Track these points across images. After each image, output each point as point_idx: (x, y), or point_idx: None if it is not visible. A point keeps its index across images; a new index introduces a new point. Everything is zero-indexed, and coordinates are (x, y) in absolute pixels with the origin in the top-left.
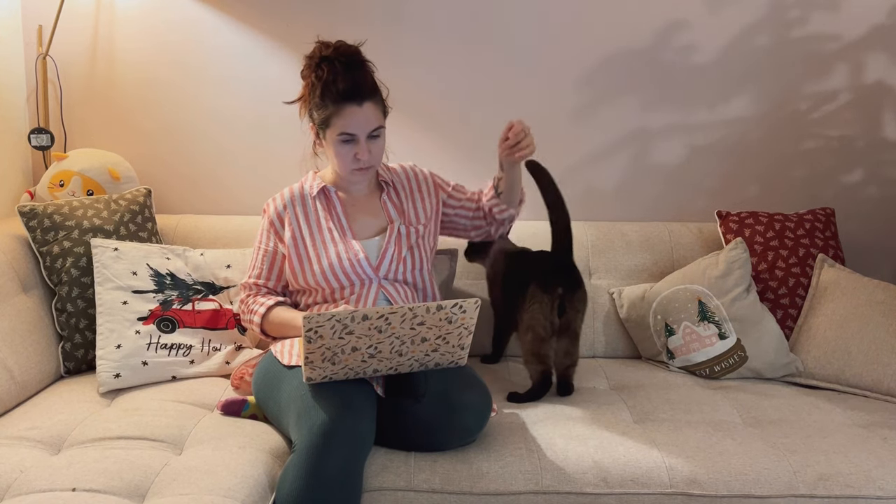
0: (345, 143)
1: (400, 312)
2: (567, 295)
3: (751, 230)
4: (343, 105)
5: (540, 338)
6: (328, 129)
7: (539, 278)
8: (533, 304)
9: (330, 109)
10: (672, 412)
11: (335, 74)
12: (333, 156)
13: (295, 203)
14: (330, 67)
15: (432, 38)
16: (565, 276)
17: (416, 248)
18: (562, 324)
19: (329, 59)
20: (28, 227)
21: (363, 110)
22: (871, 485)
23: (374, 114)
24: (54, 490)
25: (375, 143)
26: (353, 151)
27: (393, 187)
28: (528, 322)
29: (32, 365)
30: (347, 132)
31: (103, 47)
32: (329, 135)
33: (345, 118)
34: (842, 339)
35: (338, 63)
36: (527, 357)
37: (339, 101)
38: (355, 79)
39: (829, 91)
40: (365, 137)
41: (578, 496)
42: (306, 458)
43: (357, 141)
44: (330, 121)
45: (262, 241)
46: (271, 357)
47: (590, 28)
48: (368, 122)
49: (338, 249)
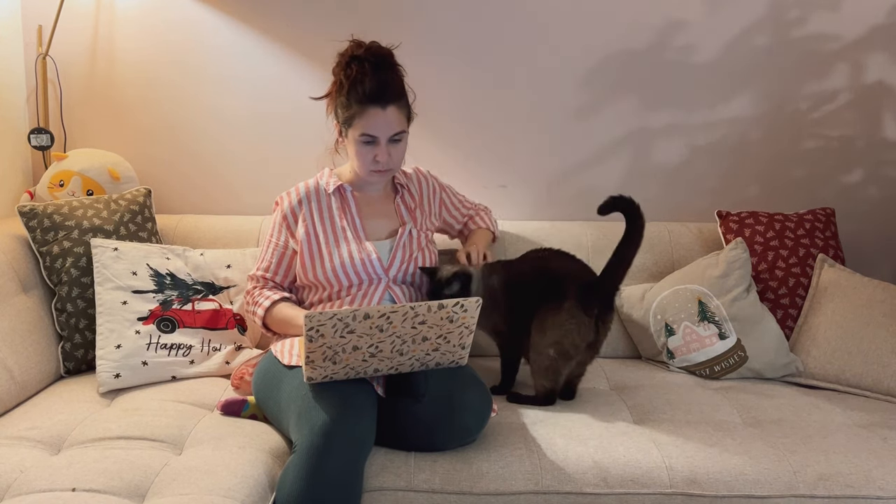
0: (366, 144)
1: (401, 311)
2: (602, 316)
3: (751, 230)
4: (367, 106)
5: (568, 356)
6: (350, 129)
7: (578, 297)
8: (570, 322)
9: (354, 109)
10: (672, 412)
11: (363, 75)
12: (354, 155)
13: (311, 198)
14: (359, 67)
15: (432, 38)
16: (604, 296)
17: (425, 251)
18: (590, 343)
19: (360, 58)
20: (28, 227)
21: (386, 114)
22: (871, 485)
23: (396, 118)
24: (54, 490)
25: (396, 147)
26: (373, 153)
27: (407, 190)
28: (559, 339)
29: (32, 365)
30: (369, 133)
31: (103, 47)
32: (351, 134)
33: (367, 119)
34: (842, 339)
35: (367, 63)
36: (541, 371)
37: (363, 101)
38: (382, 81)
39: (829, 91)
40: (386, 140)
41: (578, 496)
42: (306, 459)
43: (378, 143)
44: (353, 120)
45: (273, 235)
46: (271, 357)
47: (590, 28)
48: (391, 125)
49: (350, 248)
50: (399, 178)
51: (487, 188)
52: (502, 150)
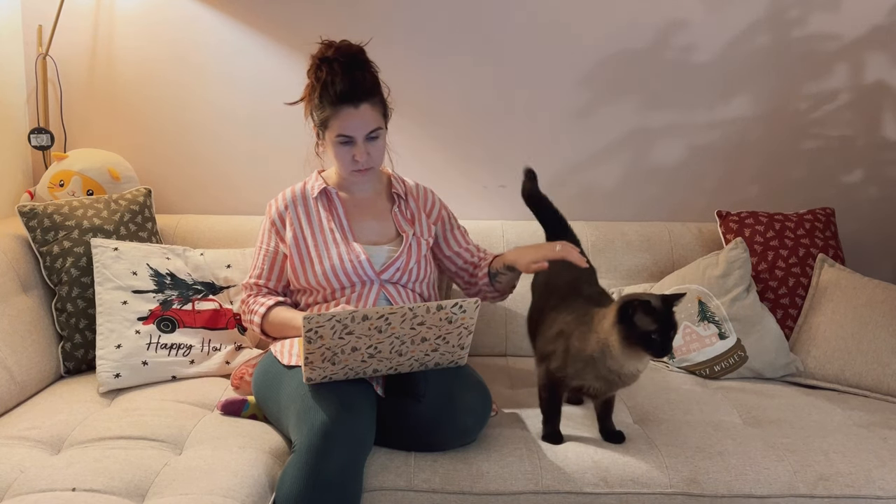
0: (343, 144)
1: (400, 312)
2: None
3: (751, 230)
4: (339, 107)
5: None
6: (327, 131)
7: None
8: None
9: (328, 111)
10: (672, 412)
11: (333, 76)
12: (333, 157)
13: (297, 203)
14: (329, 69)
15: (432, 38)
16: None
17: (423, 261)
18: None
19: (329, 59)
20: (28, 227)
21: (360, 112)
22: (871, 485)
23: (371, 115)
24: (54, 490)
25: (374, 144)
26: (351, 153)
27: (405, 200)
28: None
29: (32, 365)
30: (344, 134)
31: (103, 47)
32: (328, 136)
33: (342, 120)
34: (842, 339)
35: (337, 64)
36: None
37: (335, 102)
38: (353, 80)
39: (829, 91)
40: (363, 139)
41: (578, 496)
42: (306, 459)
43: (355, 143)
44: (328, 122)
45: (263, 241)
46: (271, 357)
47: (590, 28)
48: (366, 123)
49: (339, 251)
50: (397, 187)
51: (487, 188)
52: (502, 150)
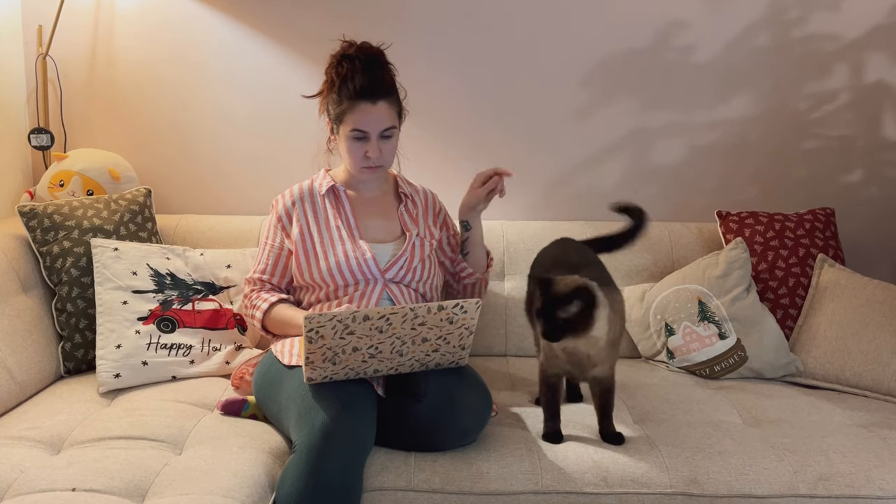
0: (356, 139)
1: (401, 312)
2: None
3: (751, 230)
4: (357, 102)
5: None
6: (342, 125)
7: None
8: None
9: (344, 105)
10: (672, 412)
11: (353, 72)
12: (345, 151)
13: (304, 200)
14: (350, 65)
15: (431, 38)
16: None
17: (427, 261)
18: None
19: (350, 56)
20: (28, 227)
21: (377, 108)
22: (871, 485)
23: (387, 113)
24: (54, 490)
25: (387, 143)
26: (363, 149)
27: (412, 200)
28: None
29: (32, 365)
30: (359, 129)
31: (103, 47)
32: (342, 130)
33: (358, 115)
34: (842, 339)
35: (358, 61)
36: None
37: (353, 97)
38: (373, 77)
39: (829, 91)
40: (376, 136)
41: (578, 496)
42: (306, 459)
43: (368, 139)
44: (344, 116)
45: (269, 237)
46: (271, 357)
47: (590, 28)
48: (381, 120)
49: (345, 248)
50: (403, 187)
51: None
52: (501, 150)
